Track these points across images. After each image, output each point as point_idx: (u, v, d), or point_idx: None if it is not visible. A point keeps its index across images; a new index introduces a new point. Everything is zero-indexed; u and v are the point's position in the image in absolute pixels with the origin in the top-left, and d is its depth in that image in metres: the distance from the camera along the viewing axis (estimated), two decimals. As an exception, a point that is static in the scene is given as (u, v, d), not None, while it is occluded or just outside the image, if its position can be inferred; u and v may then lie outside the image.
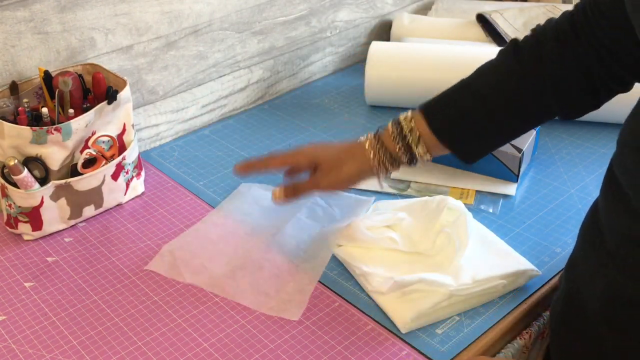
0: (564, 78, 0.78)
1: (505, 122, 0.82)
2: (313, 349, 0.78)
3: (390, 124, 0.85)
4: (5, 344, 0.79)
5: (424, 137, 0.82)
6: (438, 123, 0.82)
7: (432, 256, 0.88)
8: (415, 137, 0.82)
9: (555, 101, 0.80)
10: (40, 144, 0.89)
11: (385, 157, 0.84)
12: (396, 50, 1.27)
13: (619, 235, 0.67)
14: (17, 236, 0.96)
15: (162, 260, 0.91)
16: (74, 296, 0.86)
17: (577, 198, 1.04)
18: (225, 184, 1.08)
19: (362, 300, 0.86)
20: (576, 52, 0.77)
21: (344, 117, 1.27)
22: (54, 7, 0.98)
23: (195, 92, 1.22)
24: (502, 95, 0.81)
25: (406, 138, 0.82)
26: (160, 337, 0.80)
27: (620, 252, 0.67)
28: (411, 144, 0.83)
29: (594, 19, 0.76)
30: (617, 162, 0.69)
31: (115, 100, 0.95)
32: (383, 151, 0.84)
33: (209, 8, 1.17)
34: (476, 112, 0.81)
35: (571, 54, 0.78)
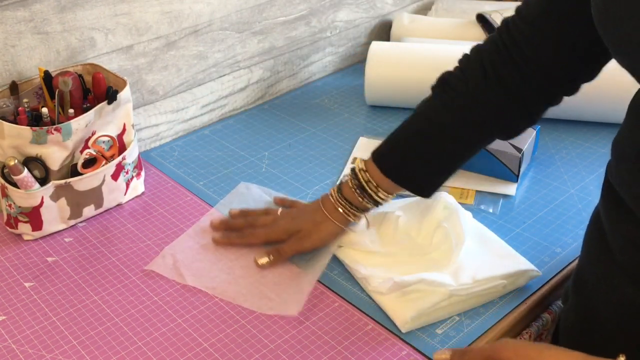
0: (494, 105, 0.82)
1: (449, 153, 0.86)
2: (313, 349, 0.79)
3: (350, 177, 0.89)
4: (5, 344, 0.79)
5: (381, 184, 0.87)
6: (388, 168, 0.86)
7: (430, 253, 0.88)
8: (374, 187, 0.87)
9: (492, 127, 0.84)
10: (40, 144, 0.89)
11: (352, 209, 0.89)
12: (396, 50, 1.27)
13: (623, 241, 0.67)
14: (17, 236, 0.96)
15: (164, 261, 0.91)
16: (74, 296, 0.86)
17: (577, 198, 1.04)
18: (225, 184, 1.08)
19: (362, 300, 0.86)
20: (502, 78, 0.80)
21: (344, 117, 1.27)
22: (54, 7, 0.98)
23: (195, 92, 1.22)
24: (440, 131, 0.85)
25: (365, 189, 0.88)
26: (160, 337, 0.80)
27: (626, 258, 0.66)
28: (371, 194, 0.87)
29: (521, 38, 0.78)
30: (613, 173, 0.69)
31: (115, 100, 0.95)
32: (349, 205, 0.89)
33: (209, 8, 1.17)
34: (420, 150, 0.86)
35: (497, 80, 0.80)
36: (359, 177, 0.88)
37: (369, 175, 0.87)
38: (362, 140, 1.19)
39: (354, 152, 1.16)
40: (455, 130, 0.84)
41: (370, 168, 0.88)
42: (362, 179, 0.88)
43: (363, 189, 0.88)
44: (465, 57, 0.86)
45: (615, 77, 0.84)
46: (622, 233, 0.67)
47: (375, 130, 1.23)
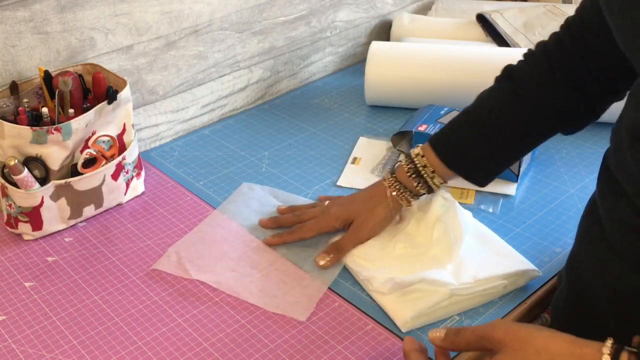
0: (558, 98, 0.82)
1: (510, 145, 0.88)
2: (313, 348, 0.79)
3: (404, 162, 0.90)
4: (6, 344, 0.79)
5: (437, 171, 0.88)
6: (447, 156, 0.88)
7: (430, 250, 0.88)
8: (430, 172, 0.88)
9: (556, 122, 0.85)
10: (40, 143, 0.89)
11: (406, 193, 0.90)
12: (396, 50, 1.27)
13: (619, 225, 0.67)
14: (17, 236, 0.96)
15: (168, 260, 0.91)
16: (74, 296, 0.86)
17: (577, 198, 1.04)
18: (225, 183, 1.08)
19: (362, 300, 0.86)
20: (568, 75, 0.81)
21: (344, 117, 1.27)
22: (54, 7, 0.98)
23: (195, 92, 1.22)
24: (502, 122, 0.86)
25: (421, 175, 0.89)
26: (160, 337, 0.80)
27: (623, 244, 0.67)
28: (427, 179, 0.89)
29: (581, 35, 0.79)
30: (612, 159, 0.69)
31: (115, 100, 0.95)
32: (403, 189, 0.90)
33: (209, 8, 1.17)
34: (480, 139, 0.87)
35: (562, 78, 0.81)
36: (415, 162, 0.89)
37: (426, 160, 0.88)
38: (362, 140, 1.19)
39: (354, 152, 1.16)
40: (517, 120, 0.85)
41: (428, 154, 0.88)
42: (418, 164, 0.88)
43: (419, 174, 0.88)
44: (529, 52, 0.87)
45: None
46: (620, 218, 0.67)
47: (375, 130, 1.23)
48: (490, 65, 1.21)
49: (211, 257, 0.91)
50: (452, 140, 0.89)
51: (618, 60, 0.74)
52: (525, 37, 1.38)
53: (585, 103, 0.82)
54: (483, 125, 0.87)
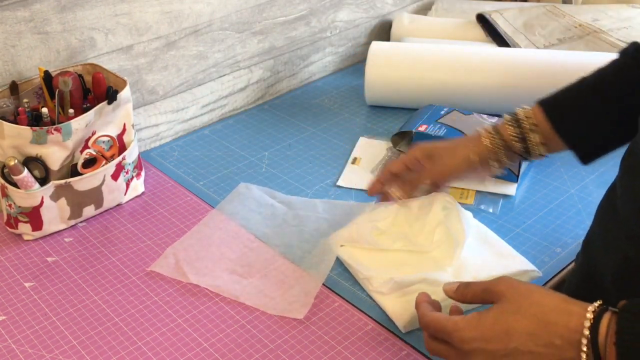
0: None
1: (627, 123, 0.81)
2: (313, 349, 0.79)
3: (508, 120, 0.86)
4: (5, 344, 0.79)
5: (540, 127, 0.83)
6: (558, 121, 0.83)
7: (431, 251, 0.88)
8: (530, 124, 0.83)
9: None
10: (40, 144, 0.89)
11: (499, 143, 0.86)
12: (396, 51, 1.27)
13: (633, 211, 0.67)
14: (17, 236, 0.96)
15: (166, 261, 0.91)
16: (74, 296, 0.86)
17: (577, 198, 1.04)
18: (225, 184, 1.08)
19: (362, 300, 0.86)
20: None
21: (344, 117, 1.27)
22: (54, 7, 0.98)
23: (195, 92, 1.22)
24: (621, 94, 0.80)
25: (521, 124, 0.84)
26: (160, 337, 0.80)
27: (633, 227, 0.67)
28: (526, 132, 0.84)
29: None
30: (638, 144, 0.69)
31: (115, 100, 0.95)
32: (498, 137, 0.86)
33: (209, 8, 1.17)
34: (595, 109, 0.81)
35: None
36: (517, 113, 0.85)
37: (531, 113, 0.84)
38: (362, 140, 1.19)
39: (354, 152, 1.16)
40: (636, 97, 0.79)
41: (536, 111, 0.84)
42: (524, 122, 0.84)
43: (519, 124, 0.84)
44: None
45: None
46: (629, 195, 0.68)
47: (375, 130, 1.23)
48: (490, 65, 1.22)
49: (209, 258, 0.91)
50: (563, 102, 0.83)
51: None
52: (525, 37, 1.38)
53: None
54: (599, 94, 0.81)
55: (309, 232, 0.95)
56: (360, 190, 1.05)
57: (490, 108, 1.17)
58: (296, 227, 0.96)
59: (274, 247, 0.93)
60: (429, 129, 1.08)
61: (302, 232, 0.95)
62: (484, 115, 1.12)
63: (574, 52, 1.26)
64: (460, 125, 1.09)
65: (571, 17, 1.41)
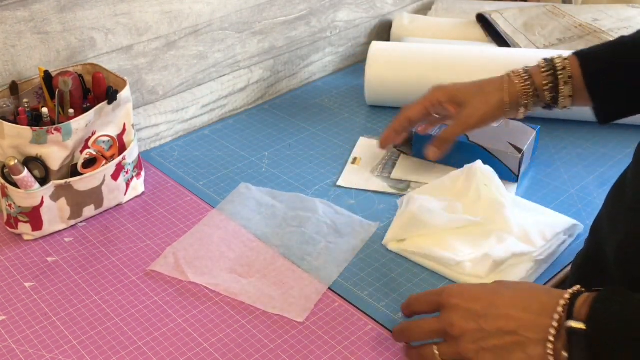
0: None
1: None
2: (313, 349, 0.79)
3: (542, 59, 0.85)
4: (5, 344, 0.79)
5: (573, 79, 0.82)
6: (591, 67, 0.81)
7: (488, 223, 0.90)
8: (566, 76, 0.82)
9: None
10: (40, 144, 0.89)
11: (531, 88, 0.84)
12: (396, 50, 1.27)
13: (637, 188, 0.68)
14: (17, 236, 0.96)
15: (166, 261, 0.91)
16: (74, 296, 0.86)
17: (577, 198, 1.04)
18: (225, 184, 1.08)
19: (362, 300, 0.86)
20: None
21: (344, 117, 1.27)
22: (54, 7, 0.98)
23: (195, 92, 1.22)
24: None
25: (557, 75, 0.82)
26: (160, 337, 0.80)
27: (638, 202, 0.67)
28: (559, 81, 0.82)
29: None
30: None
31: (115, 100, 0.95)
32: (530, 82, 0.84)
33: (209, 8, 1.17)
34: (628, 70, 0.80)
35: None
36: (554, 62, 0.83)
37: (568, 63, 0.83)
38: (362, 140, 1.19)
39: (354, 152, 1.16)
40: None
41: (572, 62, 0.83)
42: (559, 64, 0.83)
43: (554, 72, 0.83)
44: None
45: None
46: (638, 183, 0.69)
47: (375, 130, 1.23)
48: (490, 66, 1.22)
49: (208, 258, 0.91)
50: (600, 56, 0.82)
51: None
52: (525, 37, 1.38)
53: None
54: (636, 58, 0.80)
55: (309, 234, 0.95)
56: (360, 190, 1.05)
57: (490, 108, 1.17)
58: (296, 228, 0.96)
59: (274, 248, 0.93)
60: (429, 129, 1.08)
61: (303, 234, 0.95)
62: (484, 115, 1.12)
63: (574, 52, 1.26)
64: (460, 125, 1.09)
65: (571, 17, 1.41)
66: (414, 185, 1.06)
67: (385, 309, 0.84)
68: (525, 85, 0.84)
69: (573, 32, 1.38)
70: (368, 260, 0.92)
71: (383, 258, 0.92)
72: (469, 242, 0.90)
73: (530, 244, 0.89)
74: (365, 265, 0.91)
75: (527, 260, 0.87)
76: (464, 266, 0.87)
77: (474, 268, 0.86)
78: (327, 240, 0.95)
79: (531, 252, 0.88)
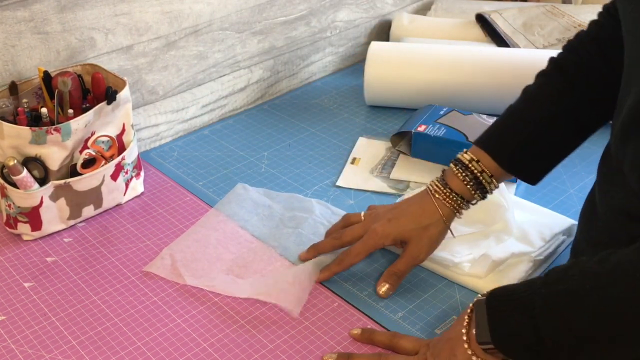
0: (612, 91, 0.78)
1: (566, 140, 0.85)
2: (312, 349, 0.79)
3: (455, 170, 0.85)
4: (5, 344, 0.79)
5: (495, 175, 0.85)
6: (505, 158, 0.84)
7: (490, 226, 0.92)
8: (487, 177, 0.84)
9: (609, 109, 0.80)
10: (39, 144, 0.89)
11: (463, 203, 0.85)
12: (395, 51, 1.27)
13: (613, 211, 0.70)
14: (16, 236, 0.96)
15: (162, 262, 0.91)
16: (73, 296, 0.86)
17: (577, 198, 1.04)
18: (224, 184, 1.08)
19: (362, 300, 0.86)
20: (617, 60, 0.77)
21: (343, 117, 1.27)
22: (54, 7, 0.98)
23: (195, 92, 1.22)
24: (560, 117, 0.83)
25: (479, 181, 0.84)
26: (160, 337, 0.80)
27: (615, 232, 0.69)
28: (485, 185, 0.85)
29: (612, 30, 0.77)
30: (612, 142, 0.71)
31: (115, 101, 0.95)
32: (460, 199, 0.85)
33: (209, 8, 1.17)
34: (539, 139, 0.83)
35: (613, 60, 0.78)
36: (470, 169, 0.85)
37: (482, 165, 0.84)
38: (361, 140, 1.19)
39: (354, 152, 1.16)
40: (572, 113, 0.82)
41: (483, 158, 0.84)
42: (475, 170, 0.84)
43: (477, 180, 0.84)
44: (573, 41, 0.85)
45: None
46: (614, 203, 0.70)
47: (375, 130, 1.23)
48: (490, 66, 1.22)
49: (205, 260, 0.91)
50: (507, 141, 0.85)
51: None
52: (525, 37, 1.38)
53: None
54: (537, 122, 0.83)
55: (306, 235, 0.95)
56: (360, 190, 1.05)
57: (489, 108, 1.17)
58: (293, 229, 0.96)
59: (272, 248, 0.93)
60: (428, 129, 1.08)
61: (299, 235, 0.95)
62: (483, 115, 1.12)
63: (574, 52, 1.26)
64: (459, 125, 1.09)
65: (570, 17, 1.41)
66: (414, 185, 1.06)
67: (385, 309, 0.84)
68: (454, 202, 0.85)
69: (572, 32, 1.37)
70: (367, 260, 0.92)
71: (382, 258, 0.92)
72: (468, 243, 0.90)
73: (529, 244, 0.89)
74: (365, 265, 0.91)
75: (526, 260, 0.88)
76: (463, 267, 0.87)
77: (473, 268, 0.87)
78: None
79: (530, 252, 0.88)
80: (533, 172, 0.86)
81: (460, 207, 0.85)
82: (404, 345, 0.77)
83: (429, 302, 0.85)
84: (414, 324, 0.82)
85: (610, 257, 0.60)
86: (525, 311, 0.63)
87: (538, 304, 0.62)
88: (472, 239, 0.90)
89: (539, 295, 0.62)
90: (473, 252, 0.88)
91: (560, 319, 0.61)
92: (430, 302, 0.85)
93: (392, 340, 0.78)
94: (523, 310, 0.63)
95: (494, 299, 0.67)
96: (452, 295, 0.86)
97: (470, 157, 0.85)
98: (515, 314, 0.64)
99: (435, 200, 0.86)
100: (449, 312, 0.84)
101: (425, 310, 0.84)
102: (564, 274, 0.63)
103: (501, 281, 0.85)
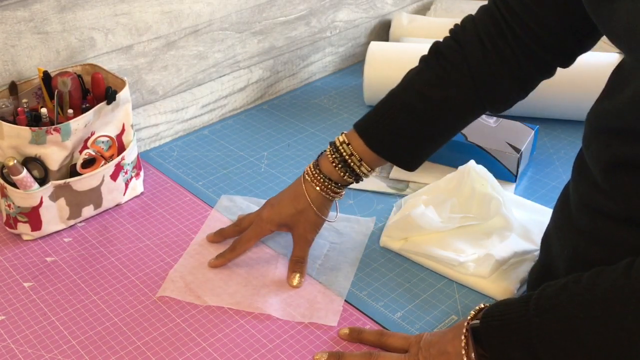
0: (491, 77, 0.81)
1: (440, 127, 0.85)
2: (312, 349, 0.79)
3: (329, 151, 0.87)
4: (5, 344, 0.79)
5: (364, 158, 0.85)
6: (375, 142, 0.84)
7: (487, 221, 0.92)
8: (357, 161, 0.85)
9: (486, 100, 0.83)
10: (39, 144, 0.89)
11: (332, 185, 0.87)
12: (395, 51, 1.27)
13: (582, 205, 0.70)
14: (16, 236, 0.96)
15: (175, 285, 0.88)
16: (73, 296, 0.86)
17: (576, 198, 1.04)
18: (224, 184, 1.08)
19: (362, 300, 0.86)
20: (500, 49, 0.79)
21: (343, 117, 1.27)
22: (54, 7, 0.98)
23: (195, 92, 1.22)
24: (432, 103, 0.83)
25: (348, 163, 0.85)
26: (160, 337, 0.80)
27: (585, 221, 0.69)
28: (354, 168, 0.85)
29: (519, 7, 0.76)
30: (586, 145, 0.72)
31: (114, 101, 0.95)
32: (328, 181, 0.87)
33: (209, 8, 1.17)
34: (410, 124, 0.84)
35: (495, 51, 0.79)
36: (340, 151, 0.85)
37: (352, 148, 0.85)
38: (361, 140, 1.19)
39: (353, 152, 1.16)
40: (449, 103, 0.82)
41: (354, 141, 0.85)
42: (344, 152, 0.85)
43: (345, 163, 0.85)
44: (459, 29, 0.84)
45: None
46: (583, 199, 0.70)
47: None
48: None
49: (218, 278, 0.89)
50: (380, 126, 0.84)
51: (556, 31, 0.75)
52: (525, 37, 1.38)
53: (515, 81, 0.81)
54: (412, 109, 0.83)
55: (315, 247, 0.93)
56: (359, 190, 1.05)
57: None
58: None
59: (282, 255, 0.92)
60: None
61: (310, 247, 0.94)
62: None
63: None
64: (460, 125, 1.09)
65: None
66: (413, 185, 1.06)
67: (384, 308, 0.85)
68: (322, 184, 0.87)
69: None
70: (366, 260, 0.92)
71: (382, 258, 0.93)
72: (471, 242, 0.90)
73: (532, 242, 0.90)
74: (364, 265, 0.91)
75: (529, 259, 0.88)
76: (467, 266, 0.87)
77: (477, 268, 0.87)
78: (330, 241, 0.95)
79: (533, 251, 0.89)
80: (407, 158, 0.86)
81: (331, 189, 0.87)
82: (393, 343, 0.77)
83: (428, 301, 0.86)
84: (413, 323, 0.82)
85: (598, 281, 0.60)
86: (523, 347, 0.63)
87: (534, 333, 0.62)
88: (474, 238, 0.91)
89: (534, 325, 0.62)
90: (477, 251, 0.89)
91: (560, 352, 0.61)
92: (429, 301, 0.86)
93: (381, 339, 0.78)
94: (522, 345, 0.63)
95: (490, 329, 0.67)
96: (451, 295, 0.86)
97: (342, 139, 0.86)
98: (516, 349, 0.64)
99: (304, 183, 0.88)
100: (448, 311, 0.84)
101: (425, 310, 0.84)
102: (556, 300, 0.63)
103: (505, 281, 0.86)
